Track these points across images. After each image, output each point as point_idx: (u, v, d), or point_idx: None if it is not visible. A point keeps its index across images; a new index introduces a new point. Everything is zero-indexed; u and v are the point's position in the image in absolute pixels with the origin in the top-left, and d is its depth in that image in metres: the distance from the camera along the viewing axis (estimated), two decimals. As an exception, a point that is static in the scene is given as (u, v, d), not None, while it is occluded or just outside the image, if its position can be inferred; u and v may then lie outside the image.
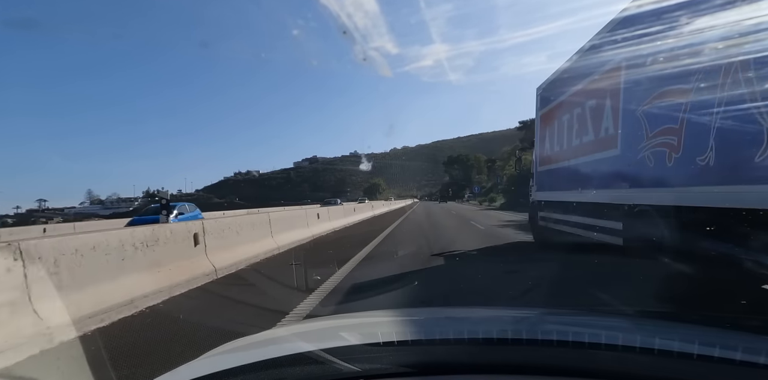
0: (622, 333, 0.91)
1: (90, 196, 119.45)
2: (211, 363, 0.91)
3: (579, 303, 3.02)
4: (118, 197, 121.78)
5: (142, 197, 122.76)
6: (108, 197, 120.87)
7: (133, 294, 3.18)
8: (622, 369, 0.69)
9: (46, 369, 2.16)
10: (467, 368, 0.74)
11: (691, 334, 0.97)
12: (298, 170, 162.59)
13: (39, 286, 2.52)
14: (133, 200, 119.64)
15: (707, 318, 2.26)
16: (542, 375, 0.70)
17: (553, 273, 4.16)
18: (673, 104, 2.96)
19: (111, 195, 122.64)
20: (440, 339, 0.86)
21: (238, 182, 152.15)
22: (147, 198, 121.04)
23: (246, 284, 4.29)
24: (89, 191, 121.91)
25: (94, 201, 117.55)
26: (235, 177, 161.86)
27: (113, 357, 2.19)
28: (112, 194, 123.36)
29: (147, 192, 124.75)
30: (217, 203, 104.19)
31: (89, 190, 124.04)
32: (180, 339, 2.50)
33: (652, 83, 3.25)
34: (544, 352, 0.78)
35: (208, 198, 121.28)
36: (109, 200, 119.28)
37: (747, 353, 0.72)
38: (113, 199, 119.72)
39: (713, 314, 2.46)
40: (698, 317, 2.29)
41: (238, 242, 5.30)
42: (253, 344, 1.06)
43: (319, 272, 4.42)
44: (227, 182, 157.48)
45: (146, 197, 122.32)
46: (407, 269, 4.59)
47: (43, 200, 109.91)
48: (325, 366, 0.74)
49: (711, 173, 2.59)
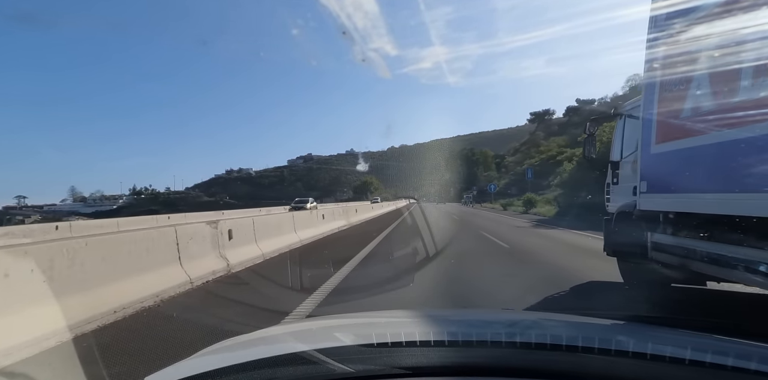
0: (615, 338, 0.89)
1: (73, 193, 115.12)
2: (204, 361, 0.93)
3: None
4: (101, 194, 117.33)
5: (129, 194, 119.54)
6: (91, 195, 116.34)
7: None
8: (615, 373, 0.71)
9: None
10: (460, 370, 0.75)
11: (684, 340, 0.99)
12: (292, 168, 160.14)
13: None
14: (117, 198, 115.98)
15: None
16: (535, 379, 0.72)
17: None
18: None
19: (95, 192, 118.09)
20: (434, 340, 0.87)
21: (230, 179, 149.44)
22: (133, 196, 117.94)
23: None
24: (72, 188, 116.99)
25: (77, 198, 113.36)
26: (227, 175, 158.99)
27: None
28: (95, 191, 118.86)
29: (133, 190, 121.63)
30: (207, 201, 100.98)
31: (72, 187, 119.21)
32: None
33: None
34: (538, 355, 0.79)
35: (196, 197, 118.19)
36: (92, 197, 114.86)
37: (739, 359, 0.73)
38: (96, 196, 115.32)
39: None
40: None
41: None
42: (247, 343, 1.10)
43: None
44: (218, 180, 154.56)
45: (132, 194, 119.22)
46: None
47: (23, 197, 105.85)
48: (318, 366, 0.75)
49: None
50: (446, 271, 5.28)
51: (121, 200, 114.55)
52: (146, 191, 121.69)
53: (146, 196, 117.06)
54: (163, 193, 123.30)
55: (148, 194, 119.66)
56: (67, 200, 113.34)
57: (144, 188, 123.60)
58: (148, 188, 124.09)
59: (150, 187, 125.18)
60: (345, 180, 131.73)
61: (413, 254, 6.79)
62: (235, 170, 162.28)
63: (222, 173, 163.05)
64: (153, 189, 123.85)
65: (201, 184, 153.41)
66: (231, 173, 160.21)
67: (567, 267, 5.48)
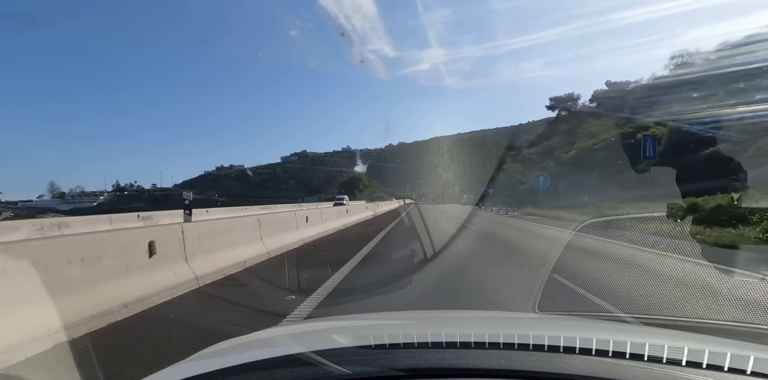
0: (612, 339, 0.88)
1: (52, 188, 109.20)
2: (201, 363, 0.94)
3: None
4: (81, 190, 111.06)
5: (112, 190, 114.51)
6: (71, 191, 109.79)
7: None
8: (615, 375, 0.70)
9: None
10: (458, 372, 0.76)
11: (681, 340, 1.02)
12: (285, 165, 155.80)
13: None
14: (98, 195, 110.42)
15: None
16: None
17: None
18: None
19: (74, 188, 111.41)
20: (432, 342, 0.87)
21: (220, 176, 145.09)
22: (116, 192, 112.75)
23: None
24: (52, 183, 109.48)
25: (55, 195, 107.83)
26: (218, 172, 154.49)
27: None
28: (75, 187, 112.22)
29: (117, 186, 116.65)
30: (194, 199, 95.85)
31: (52, 182, 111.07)
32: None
33: None
34: (536, 357, 0.78)
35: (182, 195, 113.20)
36: (71, 193, 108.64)
37: (736, 360, 0.73)
38: (75, 193, 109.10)
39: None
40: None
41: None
42: (244, 345, 1.12)
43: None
44: (208, 177, 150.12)
45: (115, 190, 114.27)
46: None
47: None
48: (315, 367, 0.75)
49: None
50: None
51: (102, 196, 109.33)
52: (130, 188, 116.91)
53: (130, 193, 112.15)
54: (148, 190, 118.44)
55: (132, 190, 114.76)
56: (44, 196, 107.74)
57: (128, 184, 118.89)
58: (132, 184, 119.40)
59: (135, 183, 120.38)
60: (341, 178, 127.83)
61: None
62: (226, 167, 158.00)
63: (212, 170, 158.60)
64: (138, 186, 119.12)
65: (190, 181, 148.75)
66: (222, 170, 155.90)
67: None
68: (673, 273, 5.09)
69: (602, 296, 4.27)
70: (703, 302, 3.91)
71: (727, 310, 3.51)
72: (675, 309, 3.79)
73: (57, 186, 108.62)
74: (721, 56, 27.72)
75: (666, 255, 5.74)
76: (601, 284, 4.83)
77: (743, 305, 3.45)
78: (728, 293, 4.04)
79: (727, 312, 3.45)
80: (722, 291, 4.13)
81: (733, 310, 3.46)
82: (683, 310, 3.70)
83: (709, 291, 4.22)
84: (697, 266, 4.97)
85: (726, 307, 3.62)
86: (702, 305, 3.82)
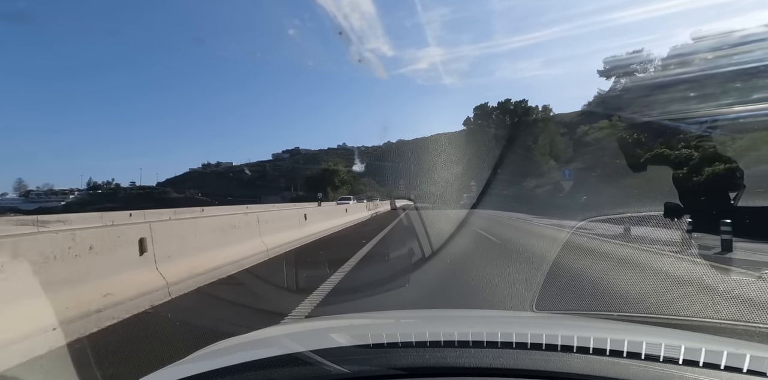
0: (611, 338, 0.90)
1: (20, 186, 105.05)
2: (199, 363, 0.96)
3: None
4: (50, 188, 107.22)
5: (86, 188, 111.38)
6: (38, 188, 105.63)
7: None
8: (613, 374, 0.72)
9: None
10: (456, 371, 0.77)
11: (677, 338, 1.08)
12: (276, 162, 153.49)
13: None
14: (68, 193, 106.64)
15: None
16: (530, 379, 0.74)
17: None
18: None
19: (41, 186, 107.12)
20: (430, 341, 0.89)
21: (205, 174, 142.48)
22: (89, 191, 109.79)
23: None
24: (19, 181, 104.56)
25: (22, 192, 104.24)
26: (203, 169, 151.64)
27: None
28: (43, 185, 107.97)
29: (90, 183, 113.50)
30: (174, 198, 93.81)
31: (19, 179, 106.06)
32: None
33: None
34: (534, 356, 0.80)
35: (163, 193, 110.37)
36: (37, 191, 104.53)
37: (732, 358, 0.76)
38: (42, 191, 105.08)
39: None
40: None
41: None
42: (243, 344, 1.15)
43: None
44: (192, 174, 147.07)
45: (89, 189, 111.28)
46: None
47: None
48: (314, 367, 0.77)
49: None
50: None
51: (73, 195, 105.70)
52: (105, 186, 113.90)
53: (104, 191, 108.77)
54: (125, 188, 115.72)
55: (107, 189, 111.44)
56: (7, 193, 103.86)
57: (105, 182, 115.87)
58: (109, 182, 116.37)
59: (112, 181, 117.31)
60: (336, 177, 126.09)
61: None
62: (213, 164, 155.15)
63: (197, 167, 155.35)
64: (115, 184, 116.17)
65: (173, 179, 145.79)
66: (207, 167, 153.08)
67: None
68: (671, 271, 5.30)
69: (600, 294, 4.40)
70: (700, 300, 4.07)
71: (724, 308, 3.69)
72: (672, 307, 3.95)
73: (24, 183, 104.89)
74: (718, 56, 28.48)
75: (663, 254, 5.97)
76: (599, 282, 4.99)
77: (740, 303, 3.66)
78: (725, 291, 4.20)
79: (724, 310, 3.63)
80: (719, 290, 4.30)
81: (729, 308, 3.62)
82: (680, 309, 3.87)
83: (706, 289, 4.36)
84: (693, 264, 5.19)
85: (723, 306, 3.80)
86: (699, 303, 3.99)
